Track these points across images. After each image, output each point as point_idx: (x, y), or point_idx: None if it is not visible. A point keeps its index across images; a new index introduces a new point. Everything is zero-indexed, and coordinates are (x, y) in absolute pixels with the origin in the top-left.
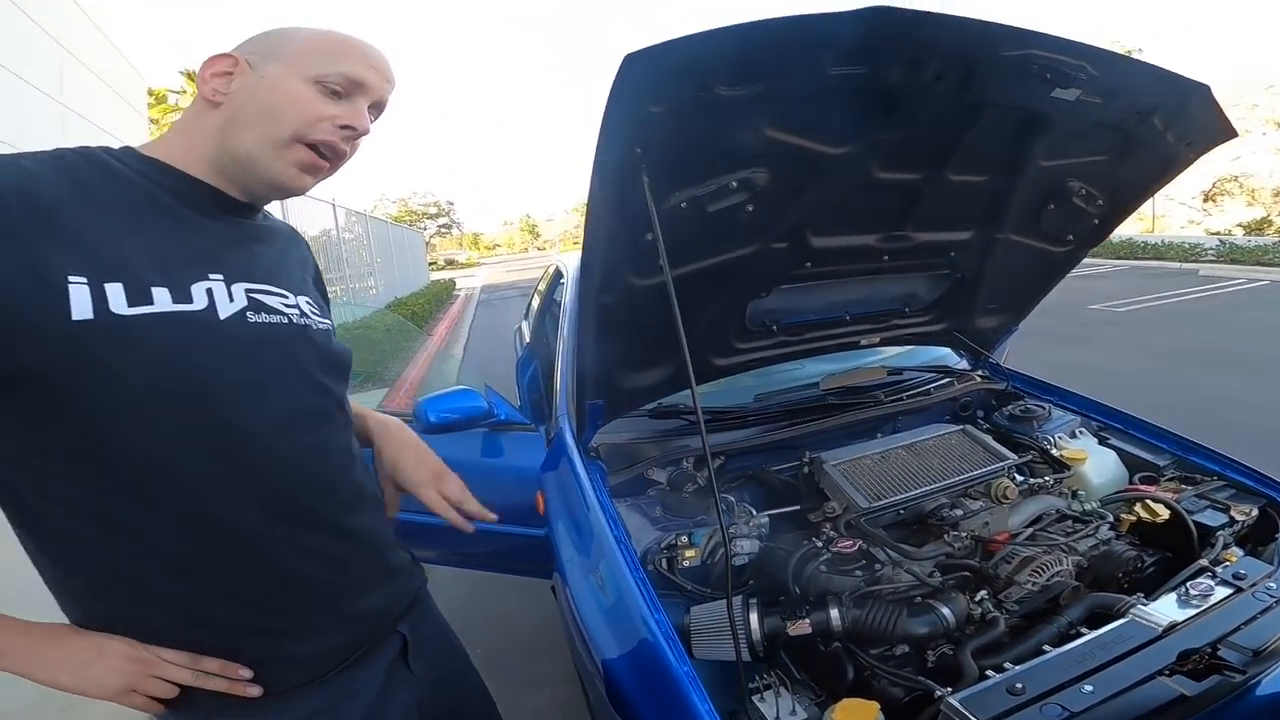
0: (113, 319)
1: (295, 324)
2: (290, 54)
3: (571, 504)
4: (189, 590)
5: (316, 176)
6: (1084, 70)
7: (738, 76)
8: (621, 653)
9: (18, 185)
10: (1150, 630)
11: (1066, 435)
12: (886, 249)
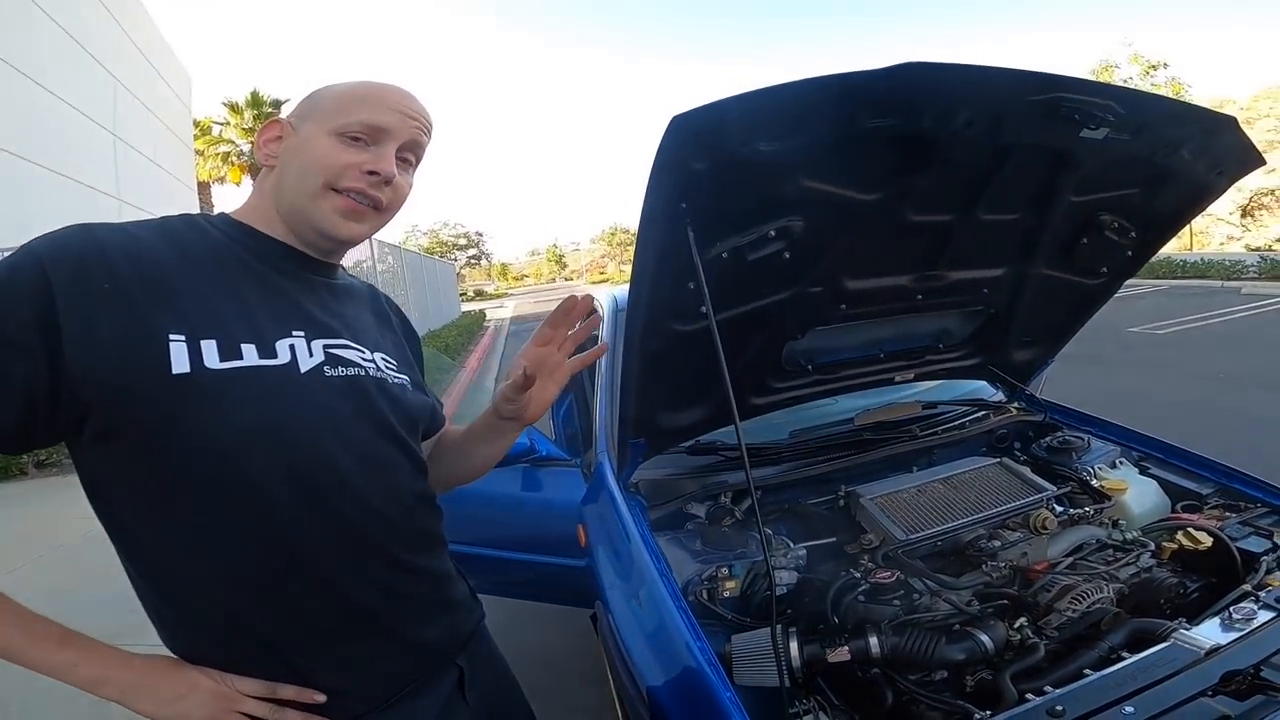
0: (207, 373)
1: (371, 376)
2: (319, 111)
3: (613, 537)
4: (270, 619)
5: (362, 222)
6: (1111, 110)
7: (776, 133)
8: (666, 679)
9: (126, 249)
10: (1193, 653)
11: (1106, 465)
12: (920, 288)
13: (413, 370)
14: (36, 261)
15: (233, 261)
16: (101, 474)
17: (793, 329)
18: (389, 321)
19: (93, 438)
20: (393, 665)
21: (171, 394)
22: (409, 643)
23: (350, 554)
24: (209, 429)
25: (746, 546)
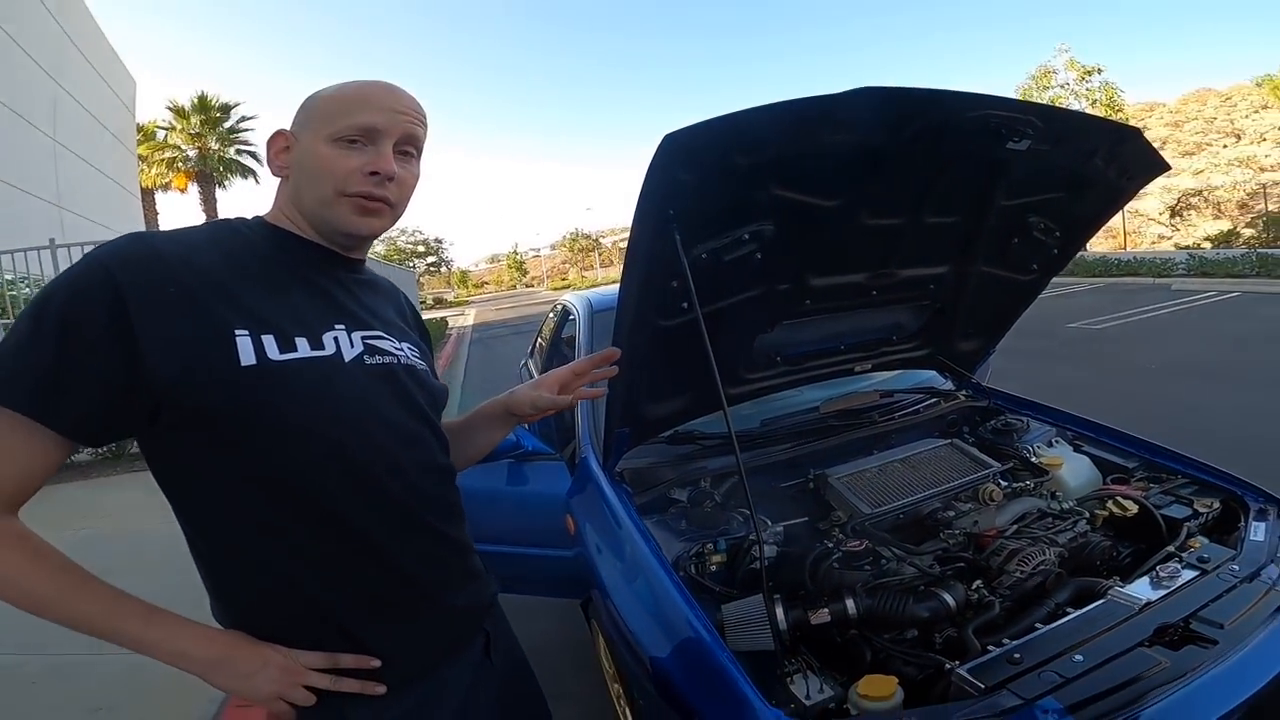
0: (270, 364)
1: (401, 364)
2: (313, 120)
3: (604, 523)
4: (328, 587)
5: (380, 217)
6: (1032, 124)
7: (752, 148)
8: (670, 649)
9: (181, 255)
10: (1128, 608)
11: (1044, 444)
12: (874, 285)
13: (428, 358)
14: (104, 270)
15: (274, 262)
16: (174, 460)
17: (762, 323)
18: (405, 314)
19: (166, 427)
20: (433, 631)
21: (242, 384)
22: (446, 608)
23: (395, 524)
24: (275, 413)
25: (729, 525)
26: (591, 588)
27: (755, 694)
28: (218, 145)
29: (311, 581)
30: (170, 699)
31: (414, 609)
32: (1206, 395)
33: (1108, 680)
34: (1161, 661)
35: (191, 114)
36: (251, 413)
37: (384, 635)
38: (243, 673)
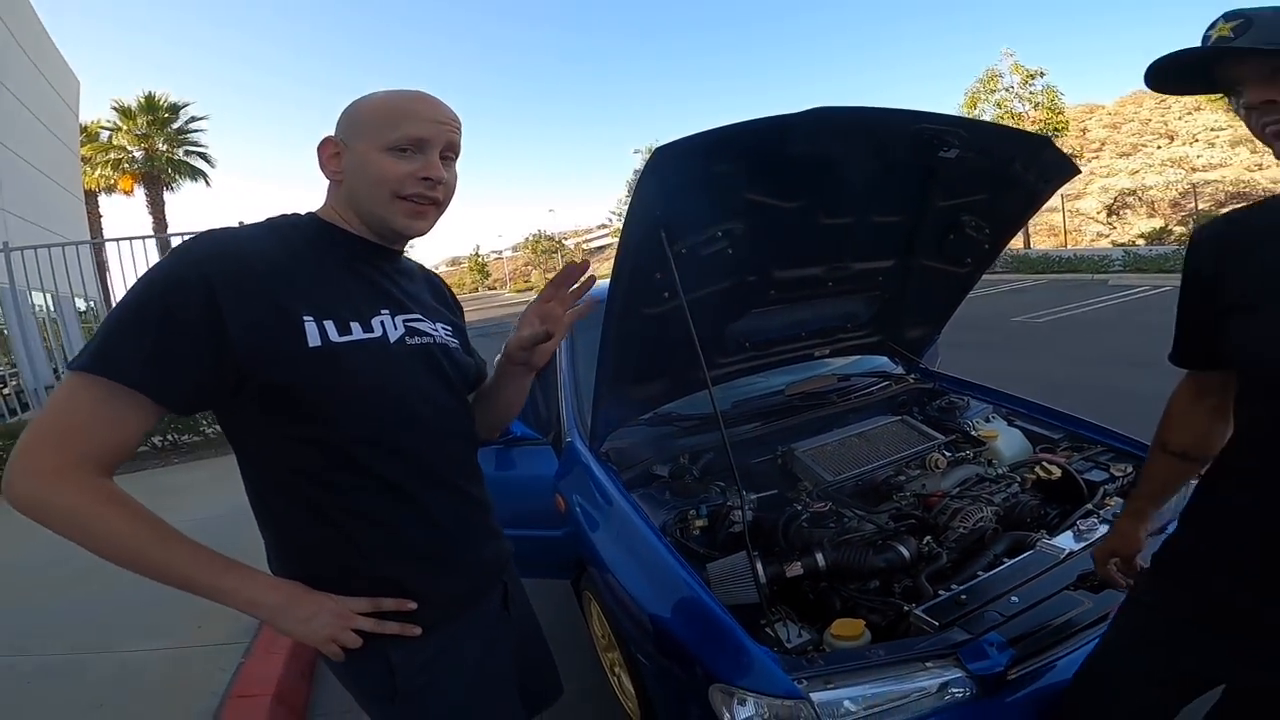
0: (333, 345)
1: (437, 343)
2: (364, 130)
3: (595, 499)
4: (373, 537)
5: (429, 218)
6: (958, 135)
7: (728, 158)
8: (667, 606)
9: (254, 251)
10: (1054, 557)
11: (982, 420)
12: (830, 277)
13: (461, 335)
14: (195, 263)
15: (328, 255)
16: (248, 427)
17: (733, 312)
18: (442, 296)
19: (245, 399)
20: (460, 579)
21: (309, 362)
22: (471, 560)
23: (428, 481)
24: (335, 388)
25: (707, 494)
26: (585, 562)
27: (748, 638)
28: (166, 146)
29: (359, 531)
30: (169, 695)
31: (444, 559)
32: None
33: (1040, 618)
34: (1085, 602)
35: (138, 114)
36: (315, 386)
37: (419, 581)
38: (302, 617)
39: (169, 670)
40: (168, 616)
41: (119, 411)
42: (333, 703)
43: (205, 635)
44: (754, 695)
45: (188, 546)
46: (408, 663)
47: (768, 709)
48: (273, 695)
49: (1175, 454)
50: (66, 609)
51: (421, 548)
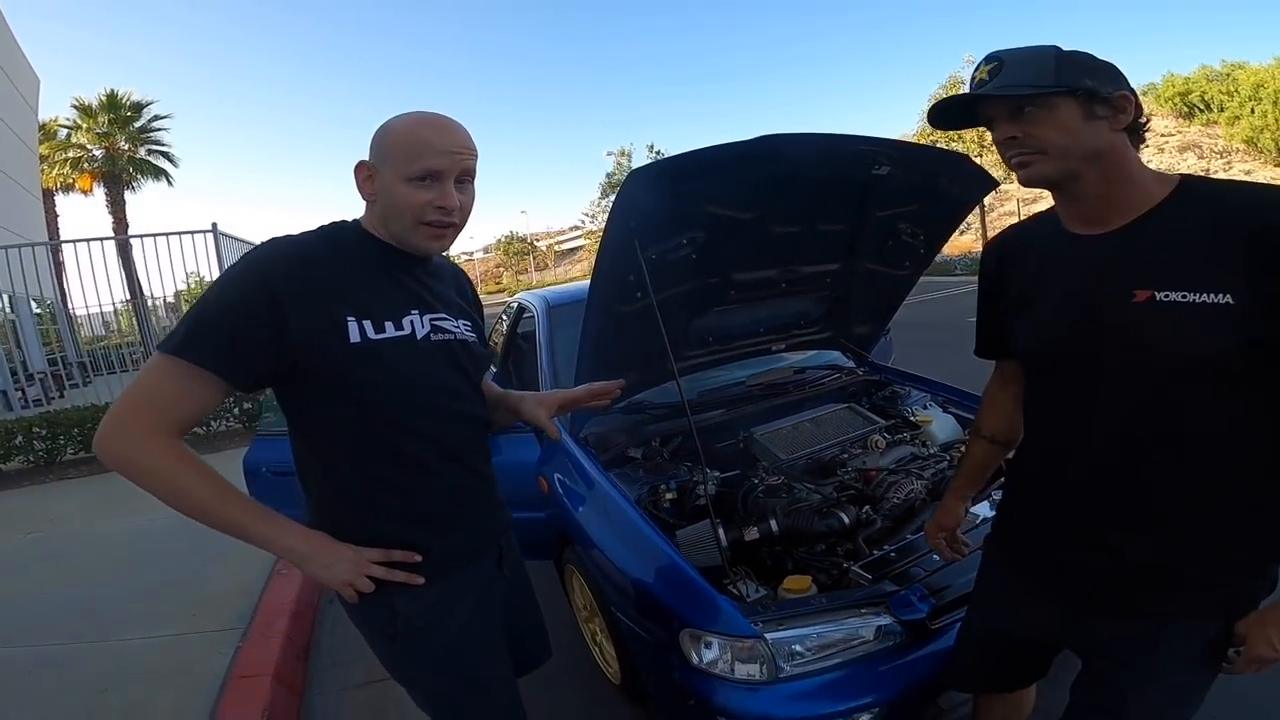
0: (370, 341)
1: (458, 339)
2: (389, 158)
3: (577, 480)
4: (396, 500)
5: (447, 239)
6: (888, 155)
7: (691, 176)
8: (647, 570)
9: (310, 256)
10: (971, 522)
11: (921, 407)
12: (783, 279)
13: (478, 328)
14: (261, 269)
15: (371, 262)
16: (301, 405)
17: (697, 310)
18: (465, 293)
19: (298, 382)
20: (462, 541)
21: (350, 355)
22: (473, 525)
23: (444, 457)
24: (370, 377)
25: (677, 471)
26: (567, 538)
27: (714, 590)
28: (128, 145)
29: (381, 495)
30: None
31: (449, 522)
32: None
33: (956, 573)
34: None
35: (100, 112)
36: (353, 375)
37: (426, 540)
38: (325, 563)
39: (168, 656)
40: (160, 606)
41: (196, 388)
42: (327, 682)
43: (201, 623)
44: (719, 637)
45: (241, 501)
46: (409, 608)
47: (730, 647)
48: (272, 675)
49: (987, 438)
50: (57, 603)
51: (431, 512)
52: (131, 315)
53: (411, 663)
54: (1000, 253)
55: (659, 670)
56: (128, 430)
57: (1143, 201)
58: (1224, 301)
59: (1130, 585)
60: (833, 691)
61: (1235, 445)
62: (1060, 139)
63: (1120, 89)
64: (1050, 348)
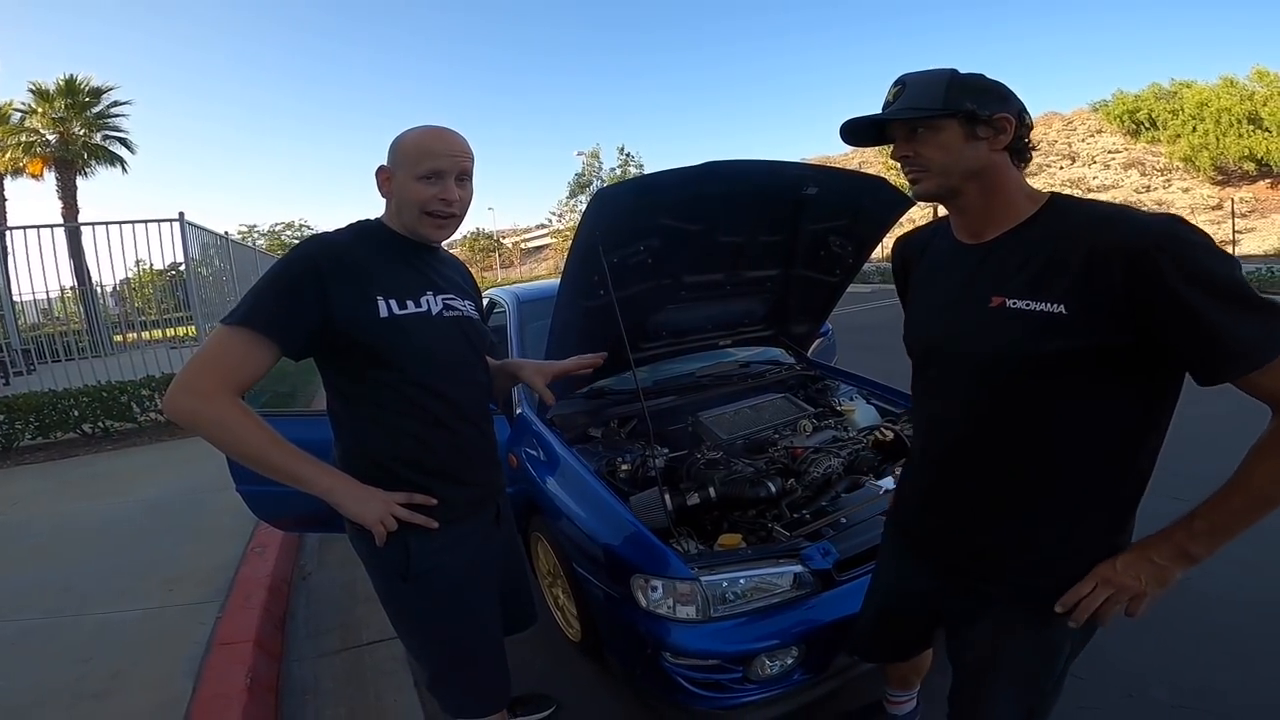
0: (395, 316)
1: (465, 315)
2: (403, 163)
3: (545, 455)
4: (418, 451)
5: (449, 228)
6: (816, 178)
7: (648, 194)
8: (603, 528)
9: (346, 248)
10: (875, 492)
11: (848, 399)
12: (729, 282)
13: (479, 309)
14: (311, 257)
15: (392, 251)
16: (343, 371)
17: (653, 307)
18: (469, 280)
19: (338, 350)
20: (468, 492)
21: (380, 328)
22: (477, 479)
23: (455, 415)
24: (396, 347)
25: (632, 448)
26: (534, 507)
27: (660, 543)
28: (83, 130)
29: (406, 446)
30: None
31: (460, 474)
32: None
33: (861, 533)
34: None
35: (57, 97)
36: (383, 344)
37: (441, 489)
38: (360, 498)
39: (149, 627)
40: (136, 583)
41: (255, 352)
42: (305, 650)
43: (178, 597)
44: (662, 580)
45: (292, 449)
46: (421, 549)
47: (673, 590)
48: (253, 641)
49: None
50: (27, 583)
51: (445, 464)
52: (73, 303)
53: (417, 603)
54: (902, 254)
55: (614, 619)
56: (197, 389)
57: (1013, 217)
58: (1057, 311)
59: (973, 564)
60: (755, 630)
61: (1066, 443)
62: (942, 158)
63: (1001, 111)
64: (923, 345)
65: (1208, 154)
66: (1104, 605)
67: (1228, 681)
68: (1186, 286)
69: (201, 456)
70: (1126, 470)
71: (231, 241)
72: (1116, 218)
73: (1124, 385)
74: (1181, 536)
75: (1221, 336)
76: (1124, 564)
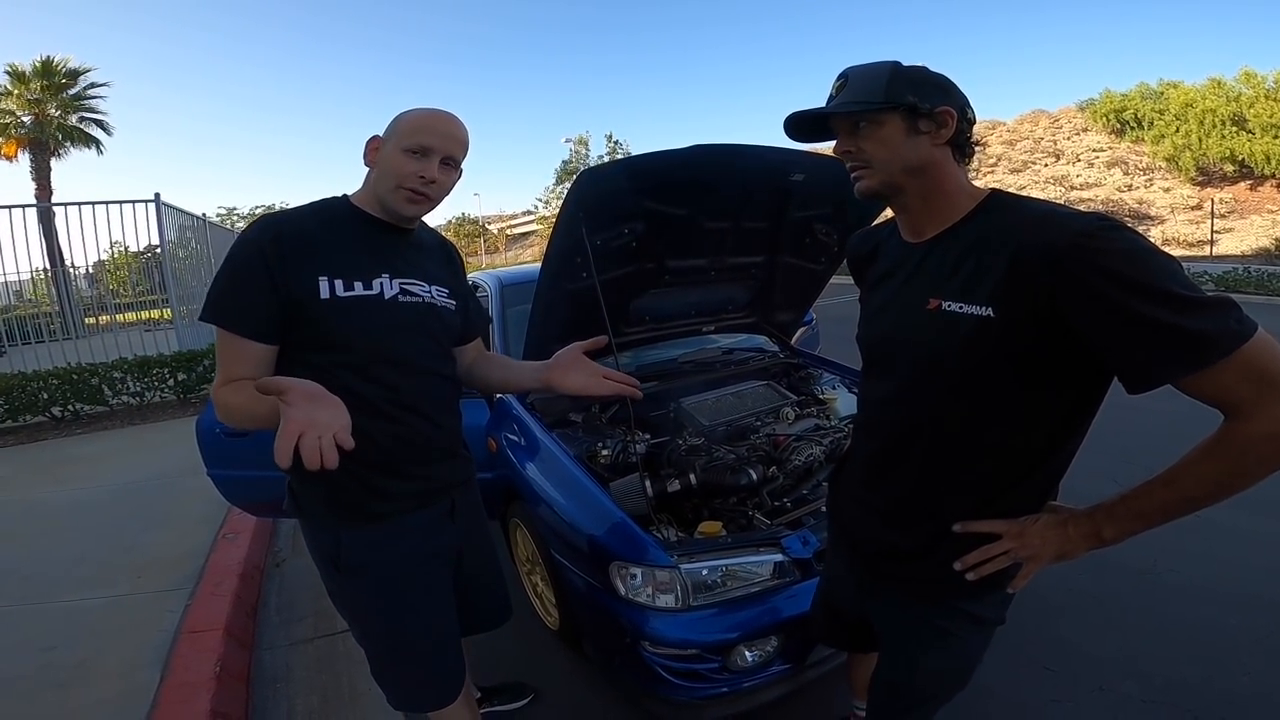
0: (337, 298)
1: (425, 303)
2: (395, 134)
3: (525, 440)
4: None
5: (420, 206)
6: (800, 165)
7: (635, 177)
8: (583, 514)
9: (294, 228)
10: None
11: (830, 387)
12: (712, 268)
13: (461, 297)
14: (253, 240)
15: (350, 230)
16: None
17: (635, 291)
18: (450, 263)
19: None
20: (410, 485)
21: (321, 309)
22: (423, 474)
23: (399, 406)
24: (340, 329)
25: (612, 433)
26: (513, 493)
27: (640, 530)
28: (59, 112)
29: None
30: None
31: (402, 467)
32: None
33: None
34: None
35: (33, 79)
36: (325, 326)
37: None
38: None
39: (116, 615)
40: (104, 571)
41: (239, 346)
42: (276, 638)
43: (147, 584)
44: (641, 567)
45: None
46: (352, 542)
47: (652, 578)
48: (223, 629)
49: None
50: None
51: (390, 456)
52: (44, 285)
53: (350, 594)
54: (854, 253)
55: (593, 607)
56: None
57: (953, 214)
58: (986, 314)
59: (885, 565)
60: (734, 619)
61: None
62: (883, 153)
63: (944, 104)
64: (869, 345)
65: (1190, 154)
66: (996, 563)
67: (1197, 676)
68: (1112, 287)
69: (173, 440)
70: (1044, 469)
71: (210, 224)
72: (1045, 217)
73: (1051, 390)
74: (1101, 517)
75: (1151, 339)
76: (1040, 527)
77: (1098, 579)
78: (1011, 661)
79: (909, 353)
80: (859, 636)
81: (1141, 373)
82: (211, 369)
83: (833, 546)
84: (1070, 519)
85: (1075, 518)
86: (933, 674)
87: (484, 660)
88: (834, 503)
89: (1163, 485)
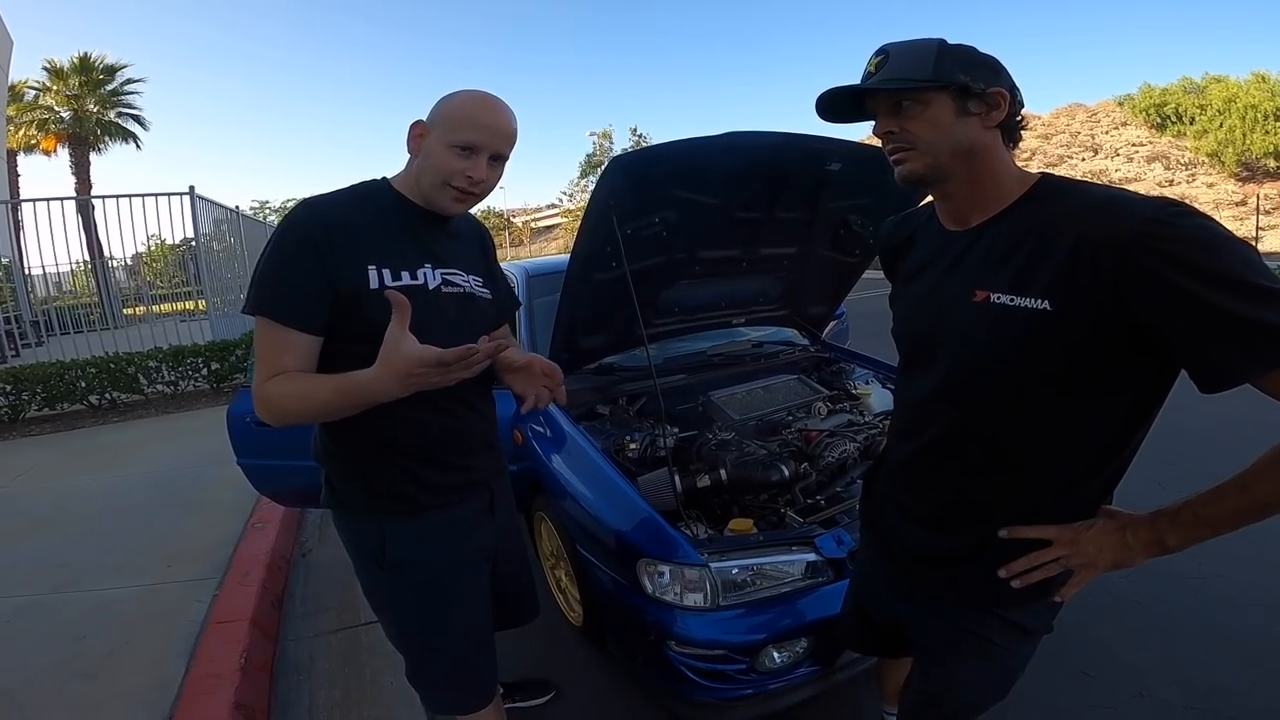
0: (385, 287)
1: (466, 292)
2: (441, 125)
3: (553, 434)
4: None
5: (465, 204)
6: (837, 154)
7: (664, 165)
8: (610, 508)
9: (339, 215)
10: None
11: (863, 382)
12: (744, 258)
13: (492, 281)
14: (305, 227)
15: (394, 219)
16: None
17: (666, 282)
18: (485, 250)
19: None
20: (453, 477)
21: (371, 298)
22: (467, 464)
23: (450, 397)
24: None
25: (640, 426)
26: (539, 486)
27: (669, 526)
28: (97, 108)
29: (393, 426)
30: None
31: (447, 458)
32: None
33: None
34: None
35: (71, 75)
36: (374, 316)
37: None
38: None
39: (145, 604)
40: (135, 559)
41: (286, 336)
42: (301, 629)
43: (176, 574)
44: (670, 565)
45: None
46: (397, 537)
47: (680, 576)
48: (250, 620)
49: None
50: (28, 557)
51: (436, 447)
52: (86, 276)
53: (391, 592)
54: (889, 238)
55: (618, 604)
56: (255, 387)
57: (1001, 201)
58: (1042, 307)
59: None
60: (763, 619)
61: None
62: (931, 134)
63: (996, 85)
64: (908, 340)
65: (1233, 150)
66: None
67: (1239, 682)
68: (1185, 278)
69: (206, 429)
70: (1101, 473)
71: (243, 216)
72: (1107, 203)
73: (1111, 389)
74: (1164, 524)
75: (1229, 334)
76: (1095, 534)
77: (1138, 582)
78: (1048, 666)
79: (954, 348)
80: (891, 642)
81: (1218, 371)
82: (244, 359)
83: (865, 550)
84: (1130, 525)
85: (1135, 524)
86: (972, 685)
87: (505, 655)
88: (868, 506)
89: (1237, 490)
